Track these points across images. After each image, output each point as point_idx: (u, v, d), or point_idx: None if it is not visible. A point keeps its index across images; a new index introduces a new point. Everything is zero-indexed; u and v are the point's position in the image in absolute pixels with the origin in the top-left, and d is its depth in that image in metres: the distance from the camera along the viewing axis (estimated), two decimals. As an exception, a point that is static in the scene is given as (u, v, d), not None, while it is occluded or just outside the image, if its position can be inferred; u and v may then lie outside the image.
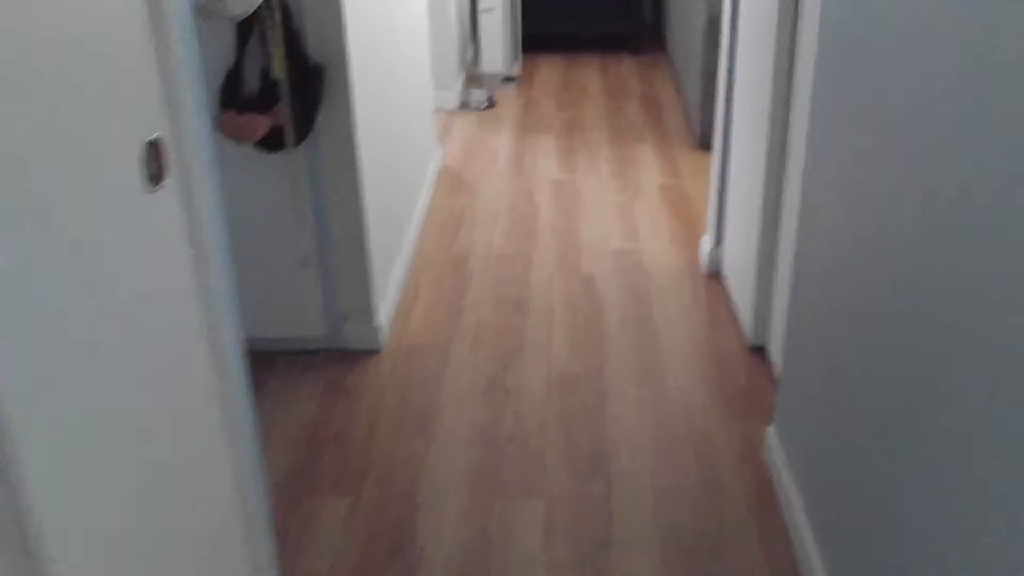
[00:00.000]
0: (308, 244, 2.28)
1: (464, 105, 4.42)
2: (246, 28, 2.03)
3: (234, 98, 2.07)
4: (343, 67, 2.13)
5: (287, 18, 2.03)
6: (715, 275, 2.78)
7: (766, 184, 2.21)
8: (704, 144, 3.79)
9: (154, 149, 1.07)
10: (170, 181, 1.12)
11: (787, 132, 2.14)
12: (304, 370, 2.36)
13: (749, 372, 2.30)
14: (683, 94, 4.24)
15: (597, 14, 5.33)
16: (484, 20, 4.55)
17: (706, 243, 2.83)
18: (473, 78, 4.82)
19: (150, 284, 1.08)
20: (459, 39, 4.56)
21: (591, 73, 4.92)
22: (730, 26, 2.53)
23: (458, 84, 4.45)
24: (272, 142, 2.11)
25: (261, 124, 2.07)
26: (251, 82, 2.08)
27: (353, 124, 2.19)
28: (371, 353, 2.41)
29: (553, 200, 3.35)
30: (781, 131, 2.15)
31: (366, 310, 2.39)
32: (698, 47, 3.67)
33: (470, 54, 5.06)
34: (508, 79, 4.67)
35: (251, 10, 1.85)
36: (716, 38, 3.51)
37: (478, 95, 4.42)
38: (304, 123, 2.13)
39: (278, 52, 2.02)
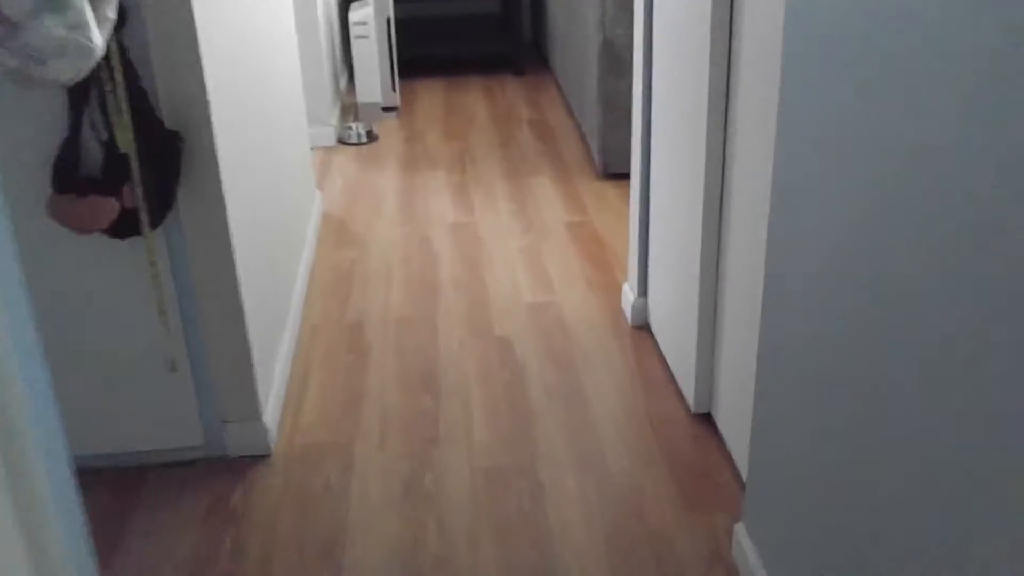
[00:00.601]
0: (175, 343, 1.91)
1: (342, 140, 4.06)
2: (80, 92, 1.64)
3: (72, 178, 1.69)
4: (206, 127, 1.77)
5: (132, 77, 1.66)
6: (642, 327, 2.53)
7: (704, 227, 1.95)
8: (608, 174, 3.55)
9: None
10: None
11: (726, 164, 1.89)
12: (181, 487, 1.97)
13: (697, 447, 2.05)
14: (579, 120, 3.99)
15: (476, 35, 5.05)
16: (358, 47, 4.21)
17: (628, 292, 2.57)
18: (349, 109, 4.46)
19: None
20: (331, 69, 4.20)
21: (475, 98, 4.64)
22: (644, 45, 2.27)
23: (334, 117, 4.09)
24: (123, 227, 1.74)
25: (108, 208, 1.69)
26: (92, 157, 1.70)
27: (221, 194, 1.83)
28: (259, 459, 2.05)
29: (452, 247, 3.04)
30: (718, 163, 1.90)
31: (249, 409, 2.03)
32: (593, 72, 3.43)
33: (344, 83, 4.70)
34: (388, 108, 4.33)
35: (82, 74, 1.47)
36: (613, 62, 3.27)
37: (357, 128, 4.07)
38: (161, 202, 1.75)
39: (122, 120, 1.64)
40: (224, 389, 2.00)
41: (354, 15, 4.16)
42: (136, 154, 1.67)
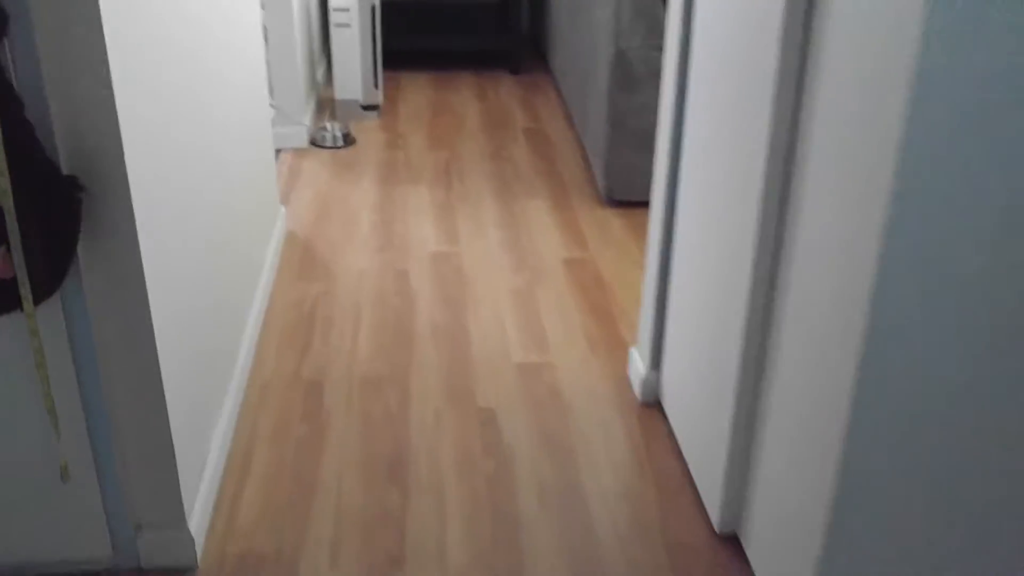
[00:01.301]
0: (72, 439, 1.50)
1: (315, 142, 3.63)
2: (-61, 123, 1.23)
3: (-75, 236, 1.27)
4: (116, 166, 1.36)
5: (10, 105, 1.24)
6: (652, 404, 2.14)
7: (751, 298, 1.56)
8: (612, 200, 3.15)
9: None
10: None
11: (787, 218, 1.50)
12: (79, 609, 1.57)
13: (721, 580, 1.67)
14: (580, 134, 3.58)
15: (469, 27, 4.61)
16: (337, 37, 3.77)
17: (638, 360, 2.18)
18: (325, 104, 4.03)
19: None
20: (307, 60, 3.76)
21: (466, 98, 4.21)
22: (678, 56, 1.87)
23: (307, 116, 3.66)
24: (1, 301, 1.32)
25: (-27, 279, 1.27)
26: (-46, 210, 1.28)
27: (137, 249, 1.42)
28: (181, 573, 1.65)
29: (433, 284, 2.64)
30: (774, 215, 1.50)
31: (170, 513, 1.62)
32: (601, 85, 3.02)
33: (321, 74, 4.26)
34: (368, 107, 3.90)
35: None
36: (625, 76, 2.87)
37: (332, 130, 3.65)
38: (51, 268, 1.34)
39: (-6, 165, 1.23)
40: (137, 489, 1.59)
41: (336, 0, 3.72)
42: (15, 209, 1.26)
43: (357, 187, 3.27)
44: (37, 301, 1.34)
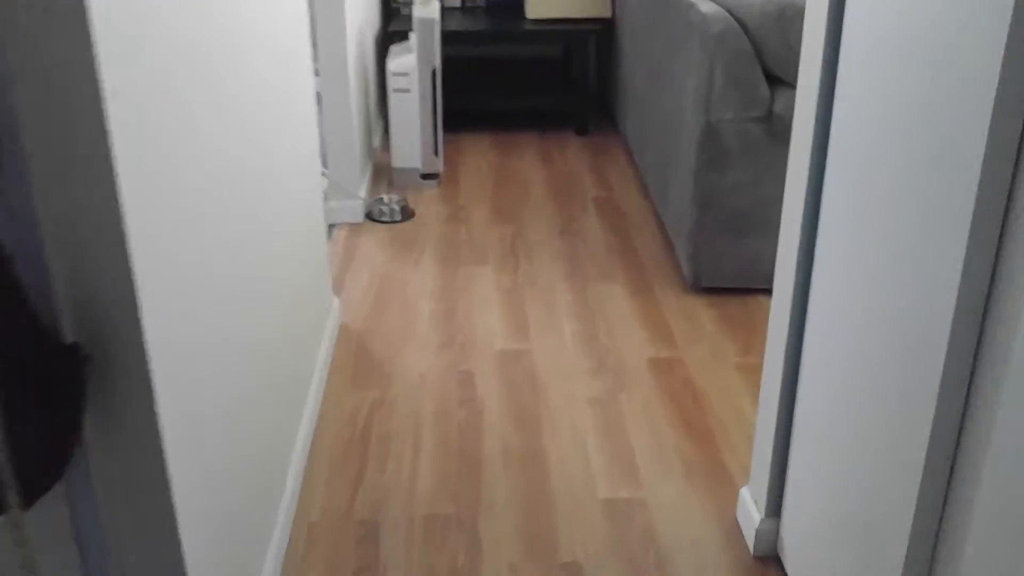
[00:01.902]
0: (73, 659, 1.21)
1: (371, 216, 3.37)
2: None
3: None
4: (131, 326, 1.08)
5: (-6, 264, 0.97)
6: (770, 560, 1.80)
7: (935, 423, 1.22)
8: (697, 286, 2.83)
9: None
10: None
11: (993, 308, 1.16)
12: None
13: None
14: (659, 209, 3.27)
15: (532, 85, 4.35)
16: (396, 103, 3.52)
17: (750, 504, 1.84)
18: (382, 172, 3.77)
19: None
20: (363, 128, 3.51)
21: (531, 163, 3.93)
22: (816, 123, 1.55)
23: (363, 188, 3.40)
24: (-21, 501, 1.05)
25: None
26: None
27: (155, 424, 1.14)
28: None
29: (502, 392, 2.33)
30: (982, 304, 1.17)
31: None
32: (688, 161, 2.71)
33: (378, 139, 4.02)
34: (427, 176, 3.64)
35: None
36: (716, 153, 2.56)
37: (390, 203, 3.38)
38: (46, 461, 1.06)
39: (-31, 344, 0.95)
40: None
41: (393, 63, 3.48)
42: (-3, 396, 0.98)
43: (416, 269, 2.99)
44: (30, 501, 1.06)
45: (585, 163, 3.93)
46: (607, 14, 4.20)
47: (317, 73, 3.24)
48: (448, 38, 4.05)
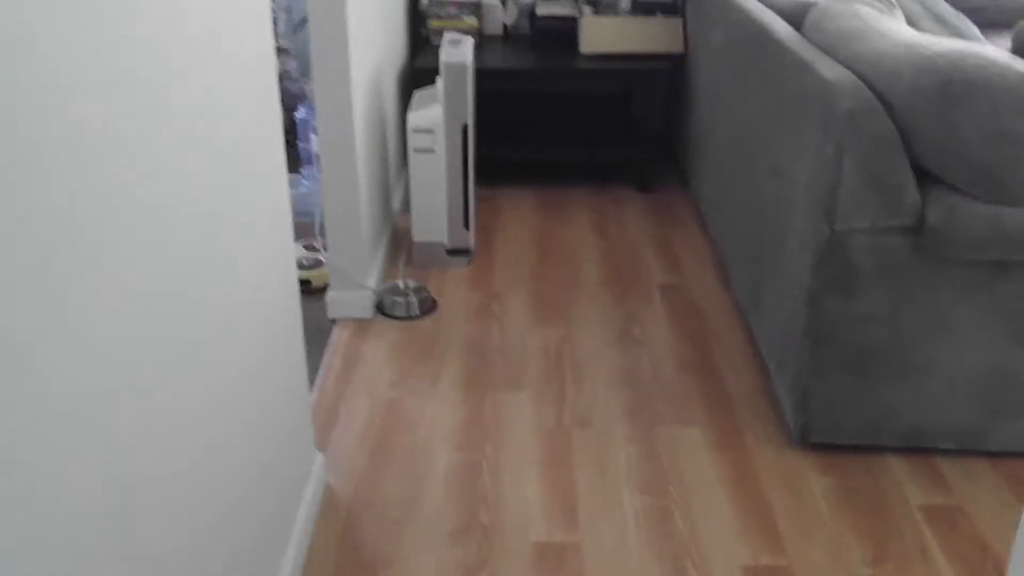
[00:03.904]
0: None
1: (383, 309, 2.70)
2: None
3: None
4: None
5: None
6: None
7: None
8: (806, 441, 2.12)
9: None
10: None
11: None
12: None
13: None
14: (746, 315, 2.56)
15: (587, 134, 3.64)
16: (417, 164, 2.85)
17: None
18: (400, 243, 3.10)
19: None
20: (374, 200, 2.84)
21: (583, 230, 3.24)
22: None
23: (375, 269, 2.73)
24: None
25: None
26: None
27: None
28: None
29: (537, 622, 1.65)
30: None
31: None
32: (800, 276, 2.00)
33: (398, 201, 3.34)
34: (455, 252, 2.97)
35: None
36: (842, 274, 1.86)
37: (407, 293, 2.71)
38: None
39: None
40: None
41: (414, 117, 2.80)
42: None
43: (432, 394, 2.32)
44: None
45: (648, 232, 3.22)
46: (679, 49, 3.48)
47: (314, 131, 2.59)
48: (485, 76, 3.37)
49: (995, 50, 1.80)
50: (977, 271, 1.87)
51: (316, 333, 2.58)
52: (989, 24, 3.42)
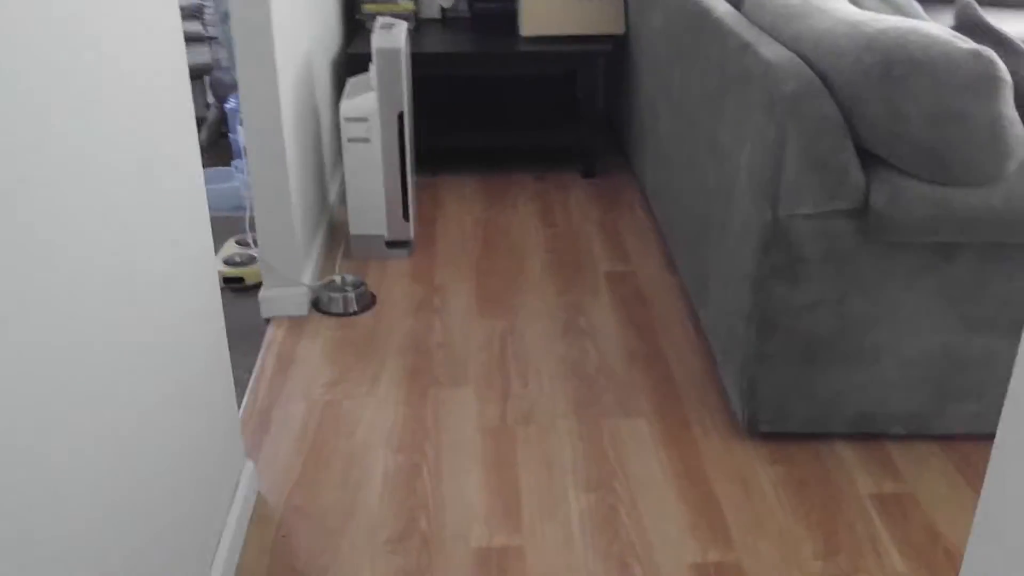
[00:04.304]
0: None
1: (319, 306, 2.60)
2: None
3: None
4: None
5: None
6: None
7: None
8: (754, 431, 2.07)
9: None
10: None
11: None
12: None
13: None
14: (695, 303, 2.51)
15: (529, 118, 3.56)
16: (352, 155, 2.75)
17: None
18: (338, 236, 3.00)
19: None
20: (311, 184, 2.73)
21: (527, 218, 3.16)
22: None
23: (307, 273, 2.63)
24: None
25: None
26: None
27: None
28: None
29: (480, 633, 1.58)
30: None
31: None
32: (743, 263, 1.94)
33: (335, 193, 3.24)
34: (395, 244, 2.87)
35: None
36: (786, 260, 1.81)
37: (343, 285, 2.61)
38: None
39: None
40: None
41: (347, 106, 2.70)
42: None
43: (371, 394, 2.23)
44: None
45: (594, 218, 3.16)
46: (619, 30, 3.41)
47: (241, 123, 2.47)
48: (423, 60, 3.27)
49: (938, 27, 1.75)
50: (924, 254, 1.82)
51: (249, 333, 2.48)
52: (931, 0, 3.40)
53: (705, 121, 2.29)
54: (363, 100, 2.69)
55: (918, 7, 2.40)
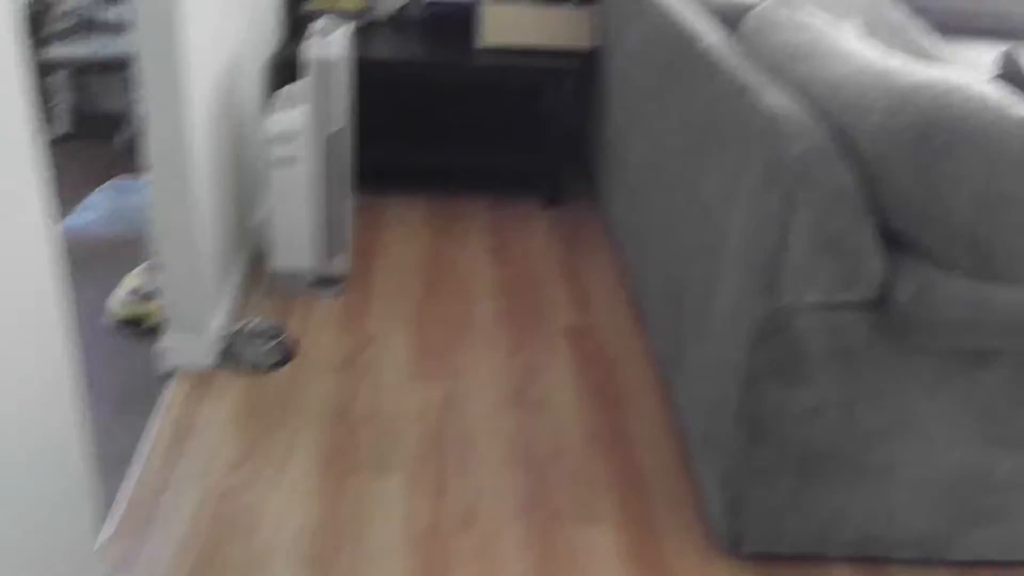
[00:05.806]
0: None
1: (230, 353, 2.22)
2: None
3: None
4: None
5: None
6: None
7: None
8: (737, 550, 1.73)
9: None
10: None
11: None
12: None
13: None
14: (672, 383, 2.17)
15: (485, 138, 3.20)
16: (277, 179, 2.36)
17: None
18: (261, 267, 2.61)
19: None
20: (229, 209, 2.34)
21: (477, 254, 2.80)
22: None
23: (221, 309, 2.25)
24: None
25: None
26: None
27: None
28: None
29: None
30: None
31: None
32: (733, 355, 1.60)
33: (259, 217, 2.84)
34: (323, 282, 2.50)
35: None
36: (787, 360, 1.48)
37: (258, 331, 2.24)
38: None
39: None
40: None
41: (273, 122, 2.31)
42: None
43: (278, 483, 1.86)
44: None
45: (554, 258, 2.80)
46: (590, 44, 3.05)
47: (147, 136, 2.08)
48: (370, 67, 2.89)
49: (983, 84, 1.42)
50: (952, 359, 1.50)
51: (144, 390, 2.10)
52: (935, 28, 3.09)
53: (687, 167, 1.94)
54: (292, 116, 2.31)
55: (931, 40, 2.08)
